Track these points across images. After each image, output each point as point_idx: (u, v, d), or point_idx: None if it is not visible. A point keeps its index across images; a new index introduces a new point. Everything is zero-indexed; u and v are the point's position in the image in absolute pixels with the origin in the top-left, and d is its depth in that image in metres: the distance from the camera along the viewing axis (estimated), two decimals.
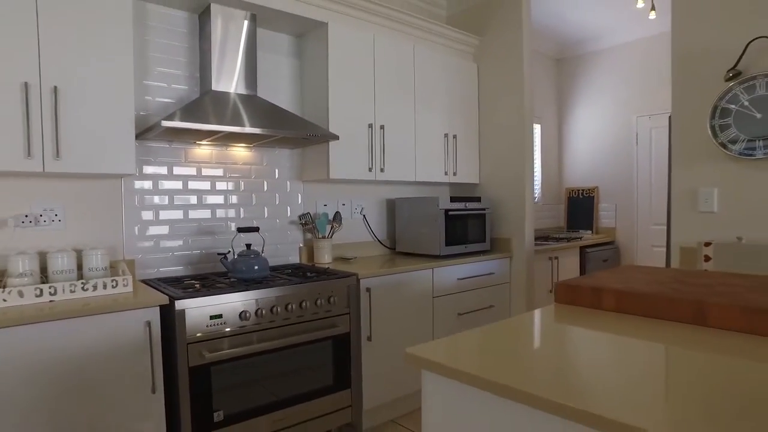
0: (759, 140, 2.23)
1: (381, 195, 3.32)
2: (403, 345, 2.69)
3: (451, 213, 3.02)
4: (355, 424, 2.53)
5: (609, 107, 4.73)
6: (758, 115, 2.23)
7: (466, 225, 3.14)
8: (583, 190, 4.92)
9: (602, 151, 4.80)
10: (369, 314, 2.52)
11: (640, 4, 3.55)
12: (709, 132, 2.37)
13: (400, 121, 3.01)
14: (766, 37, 2.20)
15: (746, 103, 2.26)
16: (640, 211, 4.52)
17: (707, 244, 2.32)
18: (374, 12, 2.85)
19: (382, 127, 2.90)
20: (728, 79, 2.31)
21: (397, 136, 2.99)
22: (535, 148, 4.84)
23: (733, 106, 2.30)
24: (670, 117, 3.08)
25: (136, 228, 2.34)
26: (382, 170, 2.90)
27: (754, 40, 2.24)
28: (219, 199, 2.58)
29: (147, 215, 2.37)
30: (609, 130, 4.74)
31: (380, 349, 2.58)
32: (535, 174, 4.81)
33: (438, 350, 1.13)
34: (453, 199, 3.07)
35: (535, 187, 4.84)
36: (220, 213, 2.59)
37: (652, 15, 3.59)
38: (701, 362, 1.01)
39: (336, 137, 2.52)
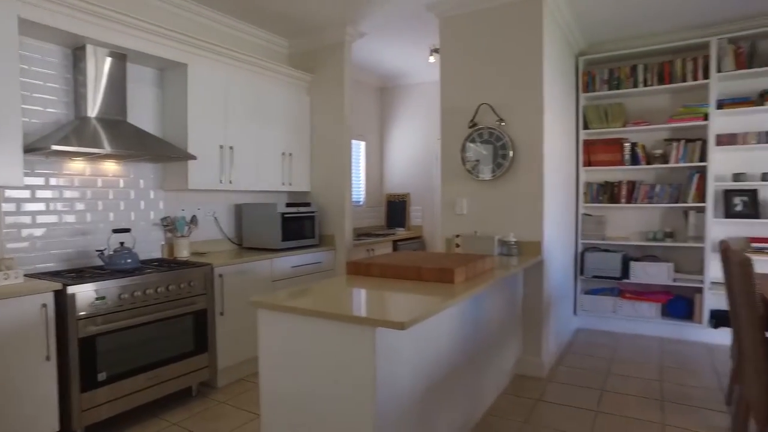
0: (485, 167, 3.49)
1: (230, 201, 4.03)
2: (249, 319, 3.46)
3: (286, 215, 3.88)
4: (212, 381, 3.24)
5: (418, 130, 6.00)
6: (484, 152, 3.49)
7: (299, 224, 4.02)
8: (398, 195, 6.14)
9: (413, 165, 6.06)
10: (222, 295, 3.25)
11: (432, 60, 4.79)
12: (460, 160, 3.59)
13: (247, 142, 3.77)
14: (486, 104, 3.47)
15: (479, 143, 3.51)
16: (437, 212, 5.86)
17: (458, 236, 3.52)
18: (227, 55, 3.57)
19: (231, 147, 3.63)
20: (470, 127, 3.54)
21: (244, 154, 3.75)
22: (360, 162, 5.92)
23: (472, 145, 3.54)
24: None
25: (19, 230, 2.75)
26: (230, 182, 3.64)
27: (481, 104, 3.49)
28: (91, 205, 3.08)
29: (25, 219, 2.79)
30: (418, 148, 6.02)
31: (231, 322, 3.32)
32: (360, 182, 5.90)
33: (270, 298, 1.98)
34: (288, 204, 3.92)
35: (361, 193, 5.92)
36: (92, 217, 3.08)
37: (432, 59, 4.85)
38: (404, 293, 2.03)
39: (194, 157, 3.20)
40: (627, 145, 4.43)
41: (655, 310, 4.39)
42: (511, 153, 3.41)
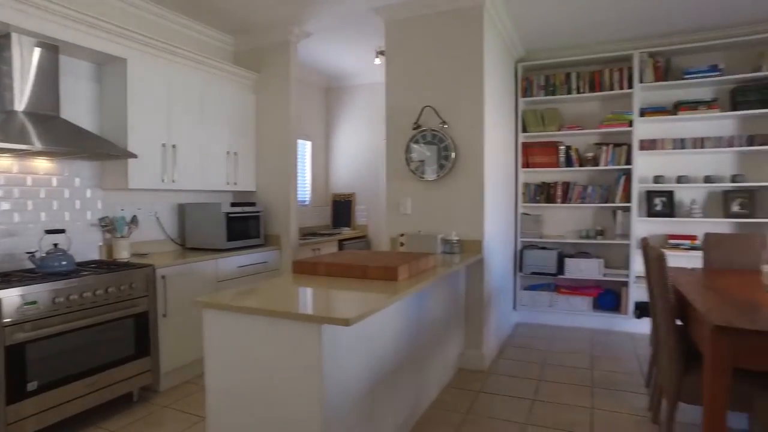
0: (428, 168, 3.60)
1: (173, 201, 3.94)
2: (194, 320, 3.40)
3: (231, 215, 3.83)
4: (154, 385, 3.17)
5: (364, 130, 6.06)
6: (428, 153, 3.60)
7: (244, 224, 3.99)
8: (344, 195, 6.18)
9: (359, 165, 6.12)
10: (164, 296, 3.18)
11: (377, 62, 4.86)
12: (405, 161, 3.68)
13: (191, 141, 3.70)
14: (430, 106, 3.58)
15: (423, 145, 3.62)
16: (383, 212, 5.95)
17: (402, 235, 3.61)
18: (170, 51, 3.48)
19: (174, 146, 3.55)
20: (414, 129, 3.64)
21: (187, 153, 3.67)
22: (306, 161, 5.91)
23: (416, 146, 3.64)
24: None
25: None
26: (174, 181, 3.56)
27: (425, 107, 3.60)
28: (19, 205, 2.92)
29: None
30: (364, 148, 6.08)
31: (175, 324, 3.26)
32: (306, 182, 5.90)
33: (216, 298, 1.99)
34: (234, 204, 3.88)
35: (306, 192, 5.92)
36: (21, 217, 2.93)
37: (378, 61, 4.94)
38: (350, 291, 2.09)
39: (134, 156, 3.11)
40: (562, 148, 4.70)
41: (587, 303, 4.67)
42: (453, 154, 3.54)
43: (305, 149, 5.91)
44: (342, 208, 6.18)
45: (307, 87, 5.87)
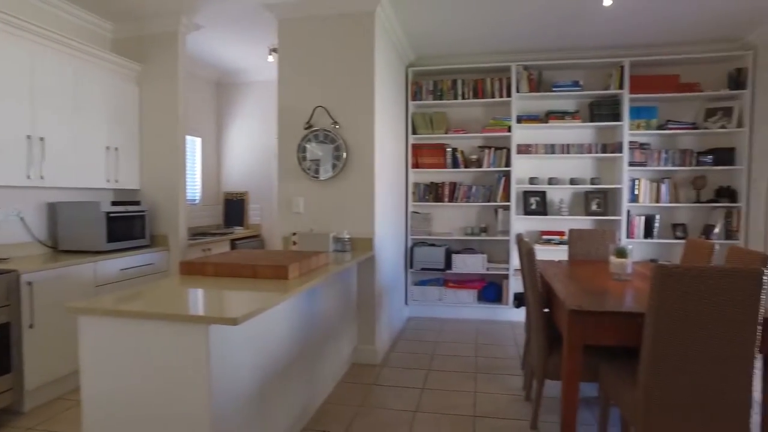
0: (320, 168, 3.65)
1: (42, 199, 3.58)
2: (68, 329, 3.13)
3: (112, 214, 3.58)
4: (16, 405, 2.86)
5: (257, 128, 5.94)
6: (320, 153, 3.65)
7: (127, 224, 3.74)
8: (236, 193, 6.02)
9: (251, 163, 5.99)
10: (31, 305, 2.89)
11: (271, 59, 4.81)
12: (297, 160, 3.69)
13: (62, 134, 3.39)
14: (322, 106, 3.63)
15: (315, 144, 3.66)
16: (276, 211, 5.87)
17: (294, 234, 3.62)
18: (31, 30, 3.15)
19: (41, 138, 3.23)
20: (306, 129, 3.67)
21: (58, 146, 3.36)
22: (196, 158, 5.67)
23: (308, 145, 3.67)
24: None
25: None
26: (42, 177, 3.24)
27: (317, 107, 3.64)
28: None
29: None
30: (257, 146, 5.96)
31: (44, 335, 2.98)
32: (195, 180, 5.65)
33: (91, 303, 1.87)
34: (115, 203, 3.62)
35: (196, 191, 5.68)
36: None
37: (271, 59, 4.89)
38: (239, 291, 2.08)
39: None
40: (449, 150, 5.00)
41: (472, 296, 5.02)
42: (344, 154, 3.62)
43: (195, 146, 5.66)
44: (234, 207, 6.01)
45: (197, 81, 5.63)
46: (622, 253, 2.91)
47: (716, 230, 4.65)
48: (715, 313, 1.81)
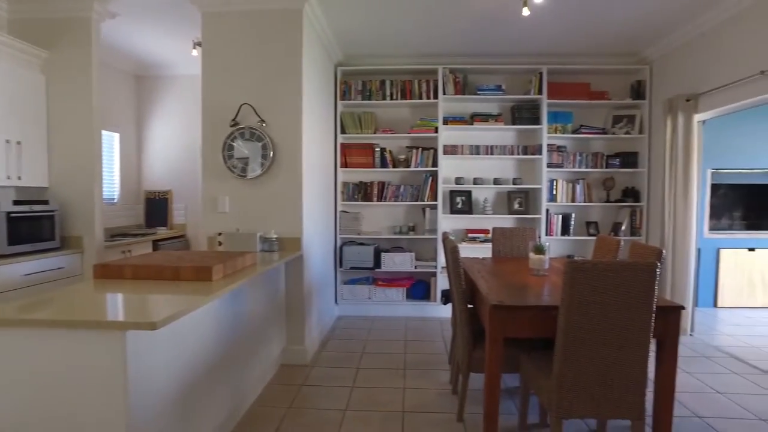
0: (247, 166, 3.57)
1: None
2: None
3: (14, 215, 3.30)
4: None
5: (181, 123, 5.69)
6: (246, 151, 3.56)
7: (33, 225, 3.46)
8: (159, 192, 5.74)
9: (176, 160, 5.73)
10: None
11: (195, 53, 4.62)
12: (222, 158, 3.58)
13: None
14: (248, 104, 3.55)
15: (241, 143, 3.57)
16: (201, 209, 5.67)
17: (220, 234, 3.52)
18: None
19: None
20: (232, 126, 3.57)
21: None
22: (114, 155, 5.34)
23: (234, 143, 3.57)
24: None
25: None
26: None
27: (243, 104, 3.56)
28: None
29: None
30: (181, 143, 5.71)
31: None
32: (113, 177, 5.33)
33: None
34: (18, 202, 3.34)
35: (114, 189, 5.35)
36: None
37: (195, 52, 4.69)
38: (159, 294, 1.99)
39: None
40: (377, 149, 5.05)
41: (401, 294, 5.10)
42: (272, 153, 3.56)
43: (113, 141, 5.33)
44: (157, 207, 5.73)
45: (115, 72, 5.30)
46: (539, 249, 3.08)
47: (623, 227, 5.05)
48: (618, 303, 1.97)
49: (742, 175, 5.74)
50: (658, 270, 1.95)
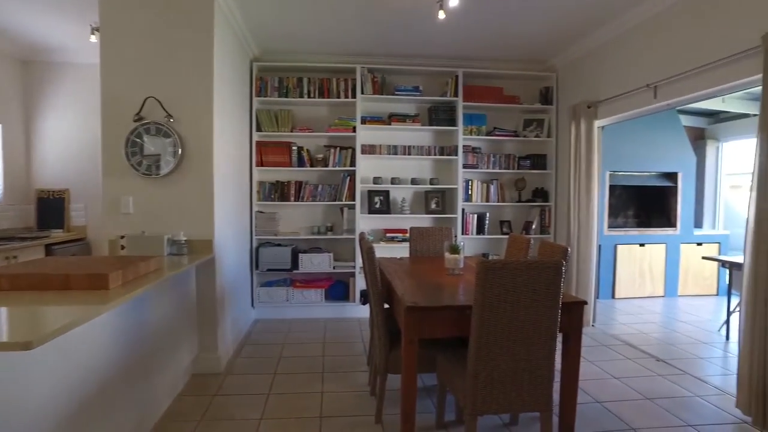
0: (153, 164, 3.33)
1: None
2: None
3: None
4: None
5: (80, 116, 5.20)
6: (152, 148, 3.32)
7: None
8: (54, 191, 5.22)
9: (74, 156, 5.24)
10: None
11: (94, 40, 4.23)
12: (125, 155, 3.31)
13: None
14: (154, 98, 3.31)
15: (146, 139, 3.32)
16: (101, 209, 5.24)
17: (123, 237, 3.25)
18: None
19: None
20: (136, 121, 3.31)
21: None
22: None
23: (138, 140, 3.31)
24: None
25: None
26: None
27: (148, 98, 3.31)
28: None
29: None
30: (80, 137, 5.22)
31: None
32: None
33: None
34: None
35: None
36: None
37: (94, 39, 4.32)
38: (43, 306, 1.79)
39: None
40: (294, 148, 4.93)
41: (320, 295, 5.02)
42: (180, 150, 3.35)
43: None
44: (51, 207, 5.21)
45: None
46: (455, 249, 3.15)
47: (534, 226, 5.31)
48: (527, 301, 2.05)
49: (635, 177, 6.26)
50: (563, 268, 2.05)
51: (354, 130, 4.96)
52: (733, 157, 7.04)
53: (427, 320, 2.25)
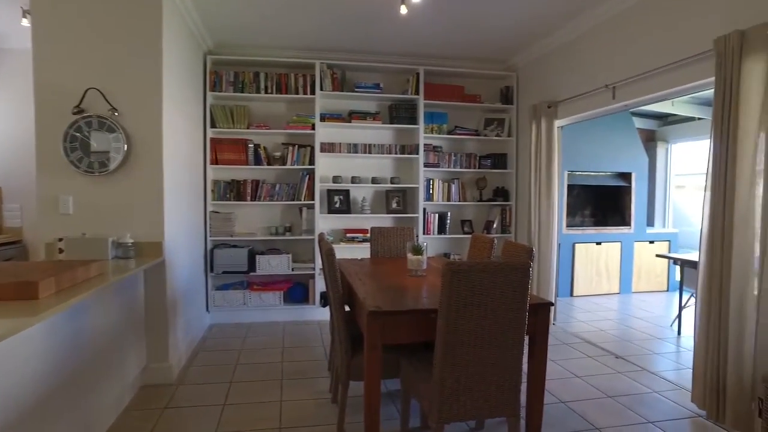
0: (95, 161, 3.09)
1: None
2: None
3: None
4: None
5: (12, 106, 4.82)
6: (95, 144, 3.08)
7: None
8: None
9: (7, 151, 4.85)
10: None
11: (26, 23, 3.91)
12: (63, 151, 3.05)
13: None
14: (96, 89, 3.07)
15: (87, 133, 3.07)
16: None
17: (61, 240, 3.00)
18: None
19: None
20: (75, 114, 3.05)
21: None
22: None
23: (79, 135, 3.06)
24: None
25: None
26: None
27: (89, 89, 3.06)
28: None
29: None
30: (13, 130, 4.84)
31: None
32: None
33: None
34: None
35: None
36: None
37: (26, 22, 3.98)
38: None
39: None
40: (251, 145, 4.74)
41: (278, 298, 4.85)
42: (125, 146, 3.11)
43: None
44: None
45: None
46: (417, 250, 3.07)
47: (495, 225, 5.31)
48: (495, 304, 1.98)
49: (591, 177, 6.39)
50: (531, 270, 1.99)
51: (313, 127, 4.81)
52: (680, 159, 7.31)
53: (391, 325, 2.15)
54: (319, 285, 4.89)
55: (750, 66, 2.60)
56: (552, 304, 2.32)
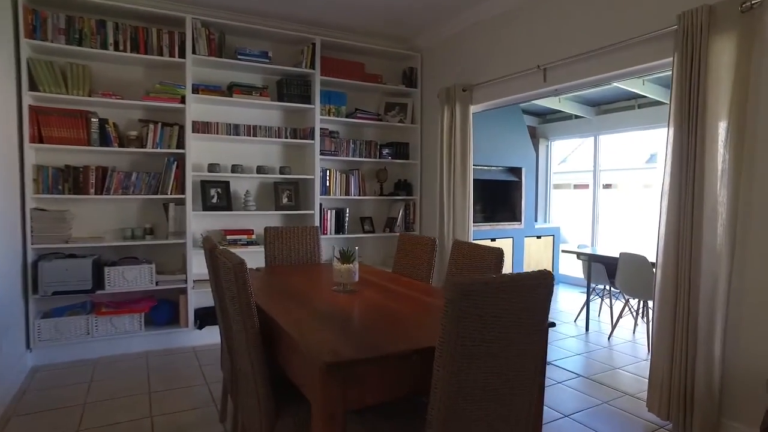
0: None
1: None
2: None
3: None
4: None
5: None
6: None
7: None
8: None
9: None
10: None
11: None
12: None
13: None
14: None
15: None
16: None
17: None
18: None
19: None
20: None
21: None
22: None
23: None
24: None
25: None
26: None
27: None
28: None
29: None
30: None
31: None
32: None
33: None
34: None
35: None
36: None
37: None
38: None
39: None
40: (95, 120, 3.52)
41: (137, 321, 3.70)
42: None
43: None
44: None
45: None
46: (346, 257, 2.34)
47: (398, 222, 4.76)
48: (511, 335, 1.37)
49: (485, 171, 6.19)
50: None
51: (182, 100, 3.74)
52: (558, 157, 7.54)
53: (356, 380, 1.40)
54: (194, 300, 3.85)
55: (720, 46, 2.34)
56: (553, 324, 1.78)
